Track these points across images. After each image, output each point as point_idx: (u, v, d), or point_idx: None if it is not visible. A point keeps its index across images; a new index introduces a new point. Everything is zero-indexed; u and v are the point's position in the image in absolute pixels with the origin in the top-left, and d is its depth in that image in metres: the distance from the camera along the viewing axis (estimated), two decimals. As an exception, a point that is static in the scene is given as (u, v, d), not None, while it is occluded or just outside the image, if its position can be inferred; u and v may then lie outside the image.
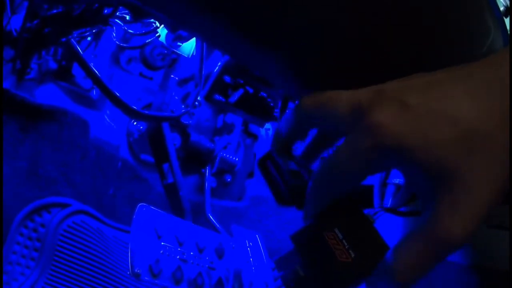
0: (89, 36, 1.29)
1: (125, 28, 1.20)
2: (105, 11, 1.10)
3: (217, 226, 1.30)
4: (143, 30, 1.22)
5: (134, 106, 1.17)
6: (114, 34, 1.24)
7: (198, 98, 1.23)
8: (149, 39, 1.23)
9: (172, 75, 1.34)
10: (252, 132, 1.51)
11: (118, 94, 1.15)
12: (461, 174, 0.31)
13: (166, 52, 1.34)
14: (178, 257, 1.02)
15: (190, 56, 1.32)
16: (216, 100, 1.21)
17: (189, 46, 1.32)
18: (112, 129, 1.35)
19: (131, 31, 1.21)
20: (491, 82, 0.33)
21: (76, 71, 1.30)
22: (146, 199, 1.30)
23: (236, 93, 1.19)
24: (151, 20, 1.20)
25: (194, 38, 1.29)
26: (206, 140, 1.41)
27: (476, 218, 0.32)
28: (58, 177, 1.18)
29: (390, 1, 0.37)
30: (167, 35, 1.29)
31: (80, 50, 1.16)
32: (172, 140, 1.26)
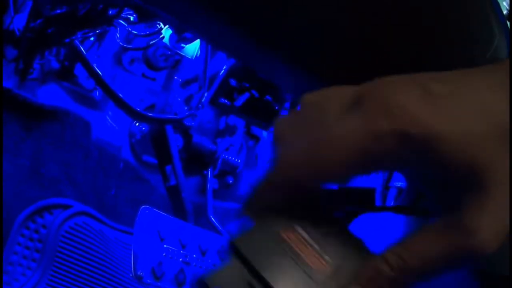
0: (92, 37, 1.28)
1: (129, 29, 1.19)
2: (110, 12, 1.10)
3: (219, 228, 1.29)
4: (147, 31, 1.22)
5: (137, 107, 1.16)
6: (118, 35, 1.24)
7: (203, 101, 1.23)
8: (153, 40, 1.23)
9: (175, 77, 1.34)
10: (255, 134, 1.51)
11: (121, 95, 1.15)
12: (496, 174, 0.27)
13: (169, 53, 1.33)
14: (180, 259, 1.02)
15: (193, 57, 1.32)
16: (221, 103, 1.21)
17: (192, 47, 1.32)
18: (114, 129, 1.34)
19: (135, 32, 1.20)
20: None
21: (79, 71, 1.30)
22: (148, 201, 1.29)
23: (242, 96, 1.19)
24: (156, 21, 1.19)
25: (198, 40, 1.28)
26: (208, 142, 1.40)
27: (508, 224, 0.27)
28: (60, 176, 1.17)
29: (390, 1, 0.37)
30: (171, 36, 1.29)
31: (83, 50, 1.16)
32: (175, 142, 1.26)
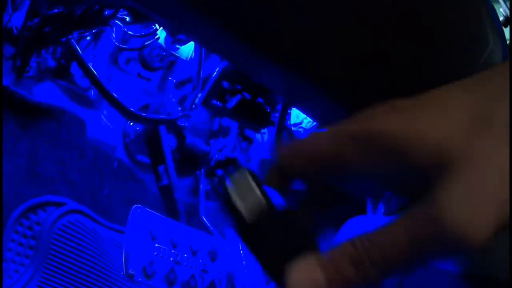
0: (88, 36, 1.29)
1: (125, 29, 1.20)
2: (106, 12, 1.11)
3: (211, 228, 1.31)
4: (143, 32, 1.23)
5: (131, 107, 1.18)
6: (113, 35, 1.25)
7: (196, 102, 1.24)
8: (149, 41, 1.24)
9: (170, 77, 1.35)
10: (248, 135, 1.52)
11: (115, 95, 1.16)
12: (465, 159, 0.25)
13: (164, 53, 1.34)
14: (171, 259, 1.03)
15: (188, 58, 1.33)
16: (213, 105, 1.23)
17: (187, 49, 1.33)
18: (109, 129, 1.35)
19: (131, 32, 1.22)
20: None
21: (75, 70, 1.31)
22: (141, 200, 1.30)
23: (234, 98, 1.21)
24: (151, 22, 1.21)
25: (192, 42, 1.30)
26: (201, 143, 1.42)
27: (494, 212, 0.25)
28: (57, 176, 1.18)
29: (390, 1, 0.37)
30: (166, 37, 1.30)
31: (79, 50, 1.17)
32: (168, 142, 1.27)
